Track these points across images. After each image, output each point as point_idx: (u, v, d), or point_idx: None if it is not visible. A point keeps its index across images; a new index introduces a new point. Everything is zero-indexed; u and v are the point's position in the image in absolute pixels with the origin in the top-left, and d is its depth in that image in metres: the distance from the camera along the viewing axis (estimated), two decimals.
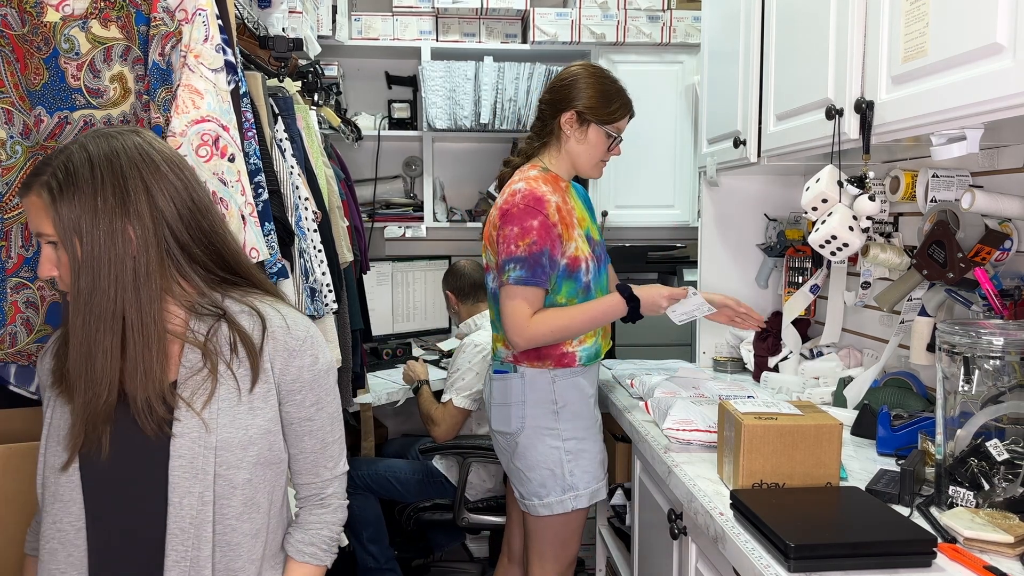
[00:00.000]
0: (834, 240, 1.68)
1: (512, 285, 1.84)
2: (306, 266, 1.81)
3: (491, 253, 1.96)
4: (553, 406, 1.94)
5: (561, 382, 1.95)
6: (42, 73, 1.38)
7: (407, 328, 3.41)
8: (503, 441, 2.01)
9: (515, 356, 1.95)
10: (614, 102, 1.96)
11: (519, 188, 1.89)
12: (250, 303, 1.18)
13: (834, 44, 1.59)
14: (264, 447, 1.15)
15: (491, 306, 2.04)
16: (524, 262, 1.83)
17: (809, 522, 1.23)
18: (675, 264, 3.22)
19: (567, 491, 1.94)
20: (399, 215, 3.40)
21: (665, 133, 3.28)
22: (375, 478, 2.71)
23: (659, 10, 3.20)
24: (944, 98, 1.25)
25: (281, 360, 1.17)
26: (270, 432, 1.16)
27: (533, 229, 1.84)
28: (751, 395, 1.88)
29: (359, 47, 3.29)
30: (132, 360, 1.09)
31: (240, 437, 1.13)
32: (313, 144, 2.06)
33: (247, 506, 1.14)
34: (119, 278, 1.07)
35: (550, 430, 1.94)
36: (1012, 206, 1.54)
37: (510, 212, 1.86)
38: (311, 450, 1.22)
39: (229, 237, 1.19)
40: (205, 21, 1.35)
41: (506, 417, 1.97)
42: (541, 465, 1.94)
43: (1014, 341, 1.26)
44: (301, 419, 1.20)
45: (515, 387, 1.96)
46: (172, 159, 1.15)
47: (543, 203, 1.86)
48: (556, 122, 1.96)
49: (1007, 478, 1.26)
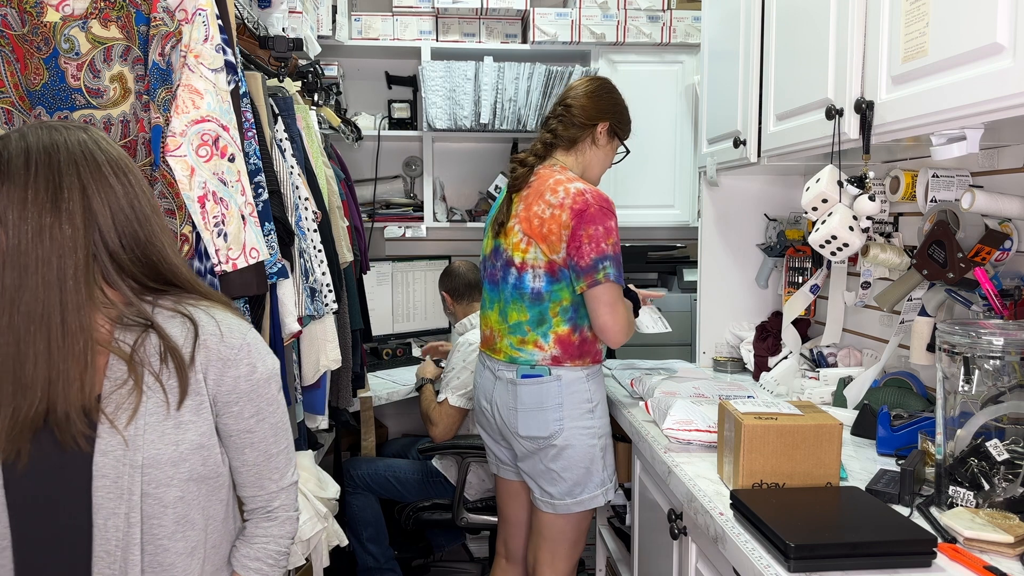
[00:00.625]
0: (834, 240, 1.68)
1: (613, 283, 1.87)
2: (306, 266, 1.81)
3: (543, 251, 1.91)
4: (588, 404, 1.96)
5: (593, 380, 1.98)
6: (42, 73, 1.38)
7: (407, 328, 3.41)
8: (532, 446, 1.96)
9: (554, 358, 1.94)
10: (629, 120, 2.12)
11: (581, 187, 1.91)
12: (184, 309, 1.11)
13: (834, 44, 1.59)
14: (197, 463, 1.09)
15: (519, 306, 1.97)
16: (615, 261, 1.88)
17: (809, 522, 1.23)
18: (675, 264, 3.22)
19: (601, 486, 1.98)
20: (399, 215, 3.40)
21: (665, 133, 3.28)
22: (375, 478, 2.71)
23: (659, 10, 3.20)
24: (944, 98, 1.25)
25: (215, 370, 1.10)
26: (203, 447, 1.09)
27: (613, 230, 1.90)
28: (751, 395, 1.88)
29: (359, 47, 3.29)
30: (54, 368, 1.02)
31: (169, 453, 1.06)
32: (313, 144, 2.06)
33: (179, 524, 1.08)
34: (46, 277, 1.01)
35: (587, 429, 1.95)
36: (1012, 206, 1.54)
37: (588, 212, 1.87)
38: (254, 462, 1.15)
39: (168, 250, 1.12)
40: (205, 21, 1.35)
41: (542, 422, 1.94)
42: (579, 464, 1.94)
43: (1014, 341, 1.26)
44: (240, 431, 1.13)
45: (551, 390, 1.94)
46: (117, 161, 1.09)
47: (611, 202, 1.93)
48: (593, 129, 2.02)
49: (1007, 478, 1.26)
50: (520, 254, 1.95)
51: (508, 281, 1.98)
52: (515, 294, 1.97)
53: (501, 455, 2.14)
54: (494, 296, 2.05)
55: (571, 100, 2.04)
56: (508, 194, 2.06)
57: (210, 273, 1.37)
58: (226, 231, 1.38)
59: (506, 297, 1.99)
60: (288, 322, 1.64)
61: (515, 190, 2.03)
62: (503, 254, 2.00)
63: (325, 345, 1.93)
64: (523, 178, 2.02)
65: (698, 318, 2.62)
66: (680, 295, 3.11)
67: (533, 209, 1.94)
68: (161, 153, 1.34)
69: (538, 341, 1.95)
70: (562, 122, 2.03)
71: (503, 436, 2.07)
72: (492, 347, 2.05)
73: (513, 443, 2.02)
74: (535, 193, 1.96)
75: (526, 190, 1.99)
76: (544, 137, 2.06)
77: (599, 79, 2.10)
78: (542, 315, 1.94)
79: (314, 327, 1.89)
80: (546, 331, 1.94)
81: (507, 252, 1.99)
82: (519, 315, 1.97)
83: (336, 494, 1.80)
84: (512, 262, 1.96)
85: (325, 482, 1.79)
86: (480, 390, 2.12)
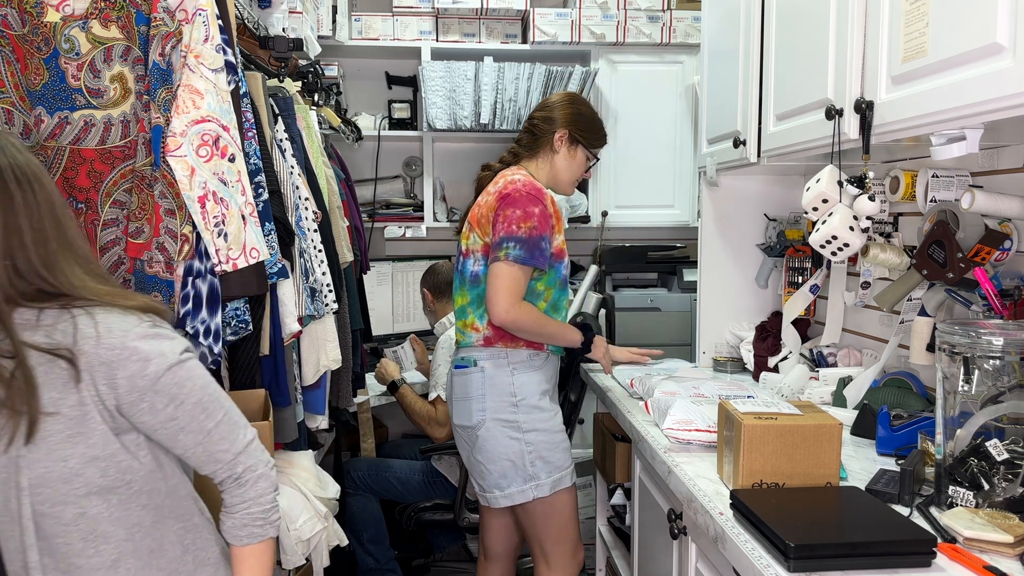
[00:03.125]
0: (834, 240, 1.68)
1: (509, 262, 1.91)
2: (306, 266, 1.81)
3: (479, 235, 2.02)
4: (512, 399, 2.00)
5: (520, 376, 2.02)
6: (42, 73, 1.38)
7: (407, 328, 3.40)
8: (464, 435, 2.06)
9: (486, 339, 2.01)
10: (599, 131, 2.19)
11: (518, 179, 2.01)
12: (70, 314, 1.05)
13: (834, 44, 1.59)
14: (94, 475, 1.04)
15: (463, 290, 2.07)
16: (524, 243, 1.92)
17: (809, 522, 1.23)
18: (675, 264, 3.22)
19: (528, 481, 2.00)
20: (399, 215, 3.40)
21: (665, 133, 3.28)
22: (375, 479, 2.71)
23: (659, 10, 3.20)
24: (944, 98, 1.25)
25: (102, 374, 1.03)
26: (97, 459, 1.04)
27: (535, 215, 1.94)
28: (751, 395, 1.88)
29: (359, 47, 3.29)
30: None
31: (58, 471, 1.01)
32: (313, 144, 2.06)
33: (88, 541, 1.04)
34: None
35: (510, 423, 2.00)
36: (1012, 206, 1.54)
37: (512, 196, 1.96)
38: (195, 444, 1.11)
39: (61, 264, 1.07)
40: (205, 21, 1.35)
41: (466, 411, 2.02)
42: (502, 457, 1.99)
43: (1014, 341, 1.26)
44: (163, 422, 1.09)
45: (475, 381, 2.02)
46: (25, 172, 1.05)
47: (543, 194, 2.01)
48: (550, 137, 2.12)
49: (1007, 478, 1.26)
50: (465, 241, 2.08)
51: (458, 269, 2.11)
52: (459, 279, 2.09)
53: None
54: (455, 287, 2.16)
55: (535, 112, 2.18)
56: (474, 196, 2.17)
57: (210, 273, 1.37)
58: (226, 231, 1.38)
59: (457, 285, 2.12)
60: (288, 322, 1.64)
61: (478, 192, 2.16)
62: (459, 246, 2.13)
63: (325, 345, 1.93)
64: (485, 182, 2.15)
65: (698, 318, 2.62)
66: (680, 295, 3.11)
67: (479, 201, 2.07)
68: (161, 153, 1.34)
69: (475, 324, 2.04)
70: (527, 133, 2.17)
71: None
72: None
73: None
74: (487, 191, 2.08)
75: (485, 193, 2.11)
76: (512, 148, 2.20)
77: (569, 95, 2.20)
78: (480, 297, 2.02)
79: (314, 327, 1.89)
80: (482, 312, 2.02)
81: (461, 244, 2.12)
82: (462, 299, 2.08)
83: (336, 494, 1.80)
84: (461, 251, 2.10)
85: (325, 482, 1.79)
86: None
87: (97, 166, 1.43)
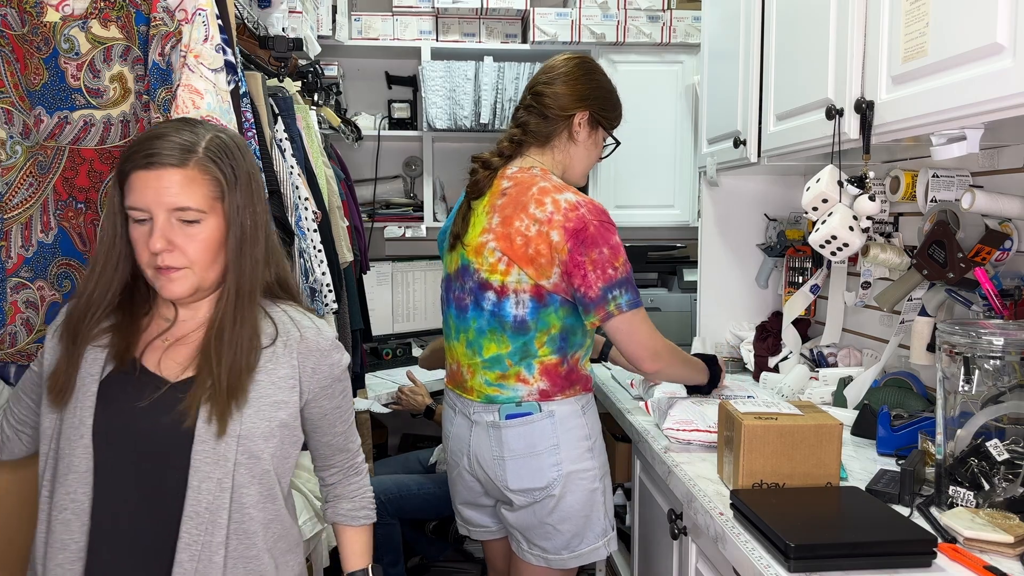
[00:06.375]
0: (834, 240, 1.68)
1: (626, 313, 1.59)
2: (306, 266, 1.81)
3: (529, 275, 1.60)
4: (587, 442, 1.68)
5: (589, 412, 1.71)
6: (42, 73, 1.38)
7: (407, 328, 3.40)
8: (525, 499, 1.65)
9: (541, 392, 1.64)
10: (618, 105, 1.79)
11: (575, 201, 1.60)
12: (275, 310, 1.24)
13: (834, 44, 1.59)
14: (284, 439, 1.20)
15: (497, 336, 1.65)
16: (627, 284, 1.60)
17: (809, 522, 1.23)
18: (675, 264, 3.22)
19: (603, 535, 1.69)
20: (399, 215, 3.40)
21: (665, 133, 3.28)
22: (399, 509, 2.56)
23: (659, 10, 3.20)
24: (944, 98, 1.25)
25: (313, 360, 1.23)
26: (286, 426, 1.20)
27: (619, 247, 1.61)
28: (751, 395, 1.88)
29: (359, 47, 3.29)
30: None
31: (263, 428, 1.16)
32: (313, 144, 2.06)
33: (263, 497, 1.17)
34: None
35: (588, 471, 1.67)
36: (1012, 206, 1.54)
37: (588, 233, 1.57)
38: (343, 432, 1.32)
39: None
40: (205, 21, 1.35)
41: (535, 470, 1.63)
42: (578, 514, 1.65)
43: (1014, 341, 1.26)
44: (334, 408, 1.28)
45: (544, 430, 1.64)
46: (260, 182, 1.28)
47: (609, 215, 1.64)
48: (570, 121, 1.70)
49: (1007, 478, 1.26)
50: (499, 276, 1.62)
51: (483, 307, 1.65)
52: (493, 322, 1.64)
53: (480, 520, 1.81)
54: (461, 325, 1.71)
55: (542, 87, 1.70)
56: (467, 201, 1.73)
57: None
58: None
59: (480, 327, 1.66)
60: None
61: (475, 196, 1.71)
62: (474, 275, 1.66)
63: None
64: (484, 182, 1.70)
65: (698, 318, 2.62)
66: (680, 295, 3.11)
67: (514, 224, 1.60)
68: None
69: (521, 374, 1.64)
70: (532, 114, 1.70)
71: (487, 494, 1.74)
72: (462, 385, 1.73)
73: (499, 500, 1.72)
74: (514, 204, 1.62)
75: (500, 199, 1.66)
76: (512, 133, 1.72)
77: (577, 57, 1.73)
78: (526, 346, 1.63)
79: None
80: (530, 362, 1.64)
81: (479, 273, 1.65)
82: (498, 347, 1.65)
83: None
84: (489, 285, 1.63)
85: None
86: (455, 440, 1.76)
87: (97, 166, 1.43)
